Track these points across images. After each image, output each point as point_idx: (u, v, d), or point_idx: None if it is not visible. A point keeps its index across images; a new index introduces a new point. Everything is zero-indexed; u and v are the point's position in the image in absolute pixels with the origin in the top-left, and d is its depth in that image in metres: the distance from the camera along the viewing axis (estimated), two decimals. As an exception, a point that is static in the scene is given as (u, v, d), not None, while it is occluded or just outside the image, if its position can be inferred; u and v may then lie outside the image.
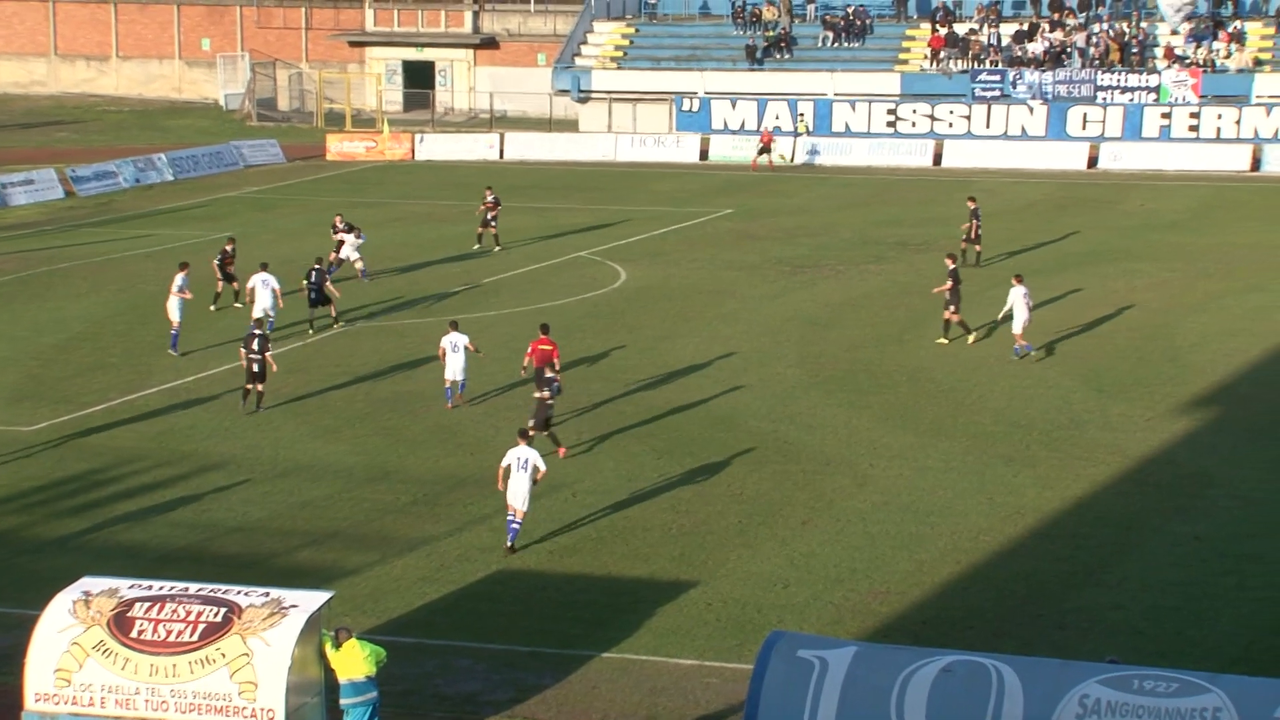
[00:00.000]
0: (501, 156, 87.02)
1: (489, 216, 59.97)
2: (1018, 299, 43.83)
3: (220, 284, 49.80)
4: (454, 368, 39.13)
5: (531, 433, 33.14)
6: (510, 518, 30.12)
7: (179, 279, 44.89)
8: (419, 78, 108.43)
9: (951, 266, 45.42)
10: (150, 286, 52.34)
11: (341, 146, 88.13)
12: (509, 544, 30.02)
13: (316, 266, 47.87)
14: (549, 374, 36.49)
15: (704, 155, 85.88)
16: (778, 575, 28.89)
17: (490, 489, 33.31)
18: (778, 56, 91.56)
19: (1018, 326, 43.84)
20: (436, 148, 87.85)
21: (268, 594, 22.26)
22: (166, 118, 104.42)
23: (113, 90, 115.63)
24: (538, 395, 36.22)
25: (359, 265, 53.67)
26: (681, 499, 32.75)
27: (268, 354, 39.13)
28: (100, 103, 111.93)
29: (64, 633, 21.66)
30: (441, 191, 73.87)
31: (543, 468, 30.13)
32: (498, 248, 59.59)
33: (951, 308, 45.20)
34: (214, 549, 30.17)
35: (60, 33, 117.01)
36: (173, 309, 44.64)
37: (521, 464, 29.98)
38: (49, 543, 30.47)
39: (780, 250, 59.62)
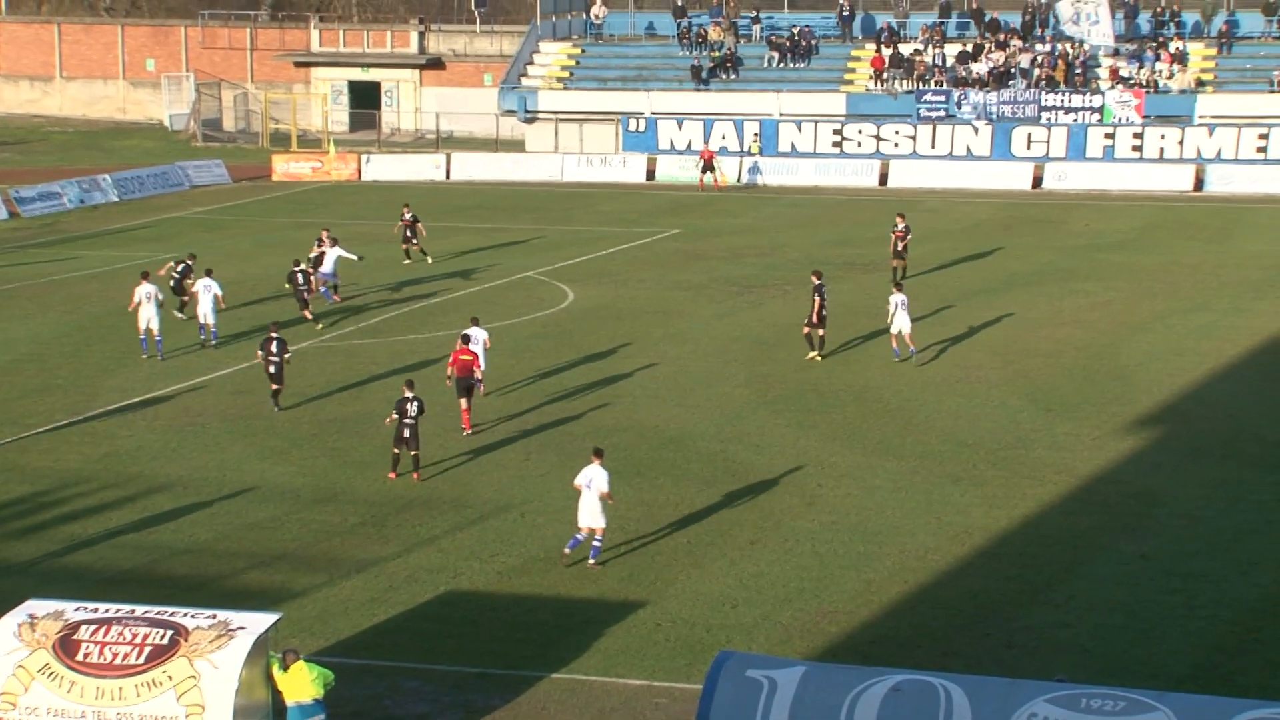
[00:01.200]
0: (448, 177, 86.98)
1: (407, 233, 60.72)
2: (897, 305, 44.76)
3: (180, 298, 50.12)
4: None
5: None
6: (576, 535, 30.23)
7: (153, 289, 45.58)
8: (365, 98, 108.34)
9: (816, 283, 45.66)
10: (96, 308, 52.11)
11: (288, 167, 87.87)
12: (591, 560, 30.22)
13: (299, 269, 49.76)
14: (472, 381, 38.65)
15: (650, 175, 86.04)
16: (726, 595, 28.90)
17: (437, 510, 33.33)
18: (723, 77, 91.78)
19: (895, 329, 44.89)
20: (383, 168, 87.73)
21: (215, 616, 22.16)
22: (111, 138, 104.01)
23: (57, 111, 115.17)
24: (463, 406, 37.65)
25: (334, 282, 53.58)
26: (630, 519, 32.71)
27: (286, 355, 40.31)
28: (44, 123, 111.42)
29: (9, 656, 21.51)
30: (388, 212, 73.53)
31: (605, 488, 30.14)
32: (428, 259, 60.21)
33: (812, 321, 45.61)
34: (161, 571, 30.00)
35: (3, 53, 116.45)
36: (145, 317, 45.34)
37: (588, 483, 30.04)
38: (-7, 566, 30.28)
39: (728, 270, 59.74)
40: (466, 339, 39.51)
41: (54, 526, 32.34)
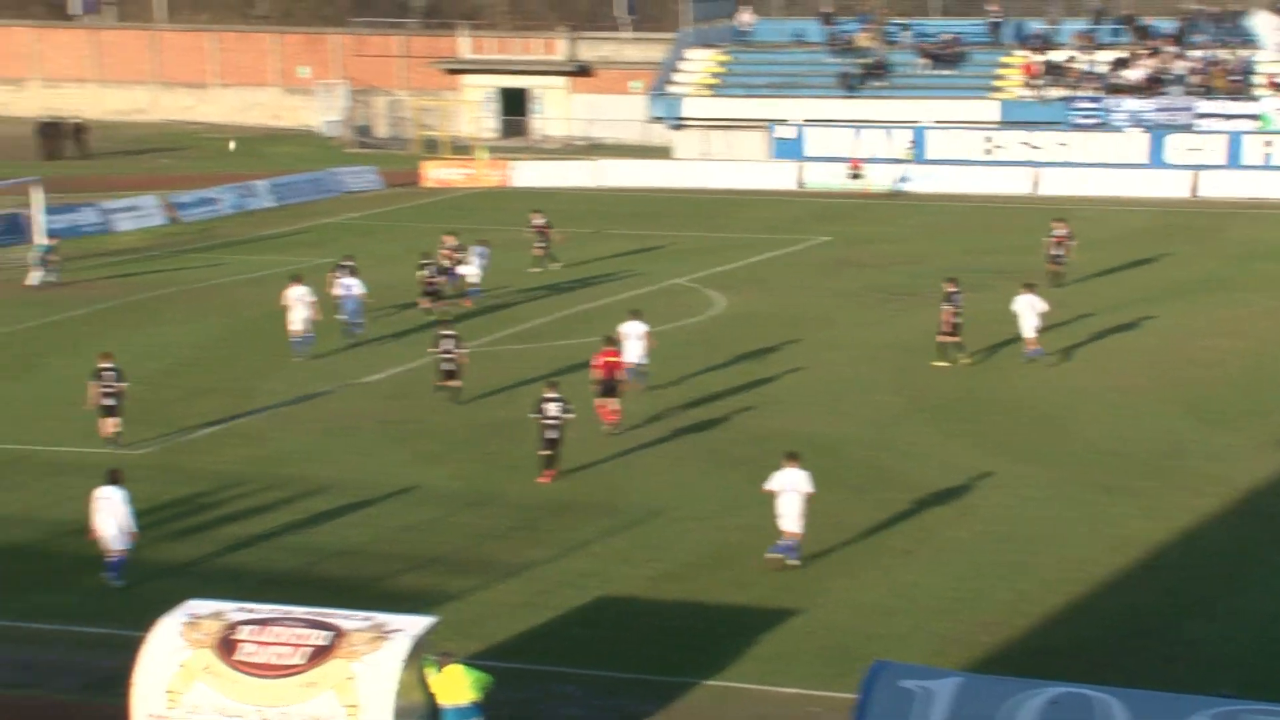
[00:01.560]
0: (596, 183, 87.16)
1: (538, 240, 61.11)
2: (1024, 307, 45.02)
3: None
4: (632, 354, 41.27)
5: (545, 452, 35.56)
6: (782, 541, 30.29)
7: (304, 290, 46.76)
8: (514, 105, 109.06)
9: (949, 290, 45.44)
10: (252, 311, 52.76)
11: (438, 173, 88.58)
12: (776, 557, 30.32)
13: (428, 262, 52.17)
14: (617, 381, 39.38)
15: (800, 183, 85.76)
16: (880, 604, 28.74)
17: (589, 515, 33.37)
18: (873, 84, 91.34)
19: (1028, 332, 45.16)
20: (531, 174, 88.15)
21: (370, 618, 22.35)
22: (266, 144, 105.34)
23: (213, 117, 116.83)
24: (600, 404, 38.71)
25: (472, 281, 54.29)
26: (782, 526, 32.69)
27: (460, 351, 41.77)
28: (201, 129, 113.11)
29: (173, 655, 21.79)
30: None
31: (811, 488, 30.29)
32: (536, 269, 60.35)
33: (945, 330, 45.44)
34: (317, 573, 30.33)
35: (162, 60, 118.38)
36: (297, 320, 46.55)
37: (790, 486, 30.12)
38: (155, 565, 30.66)
39: (878, 277, 59.45)
40: (610, 340, 39.94)
41: (212, 528, 32.79)
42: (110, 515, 29.77)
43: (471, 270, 54.54)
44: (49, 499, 34.62)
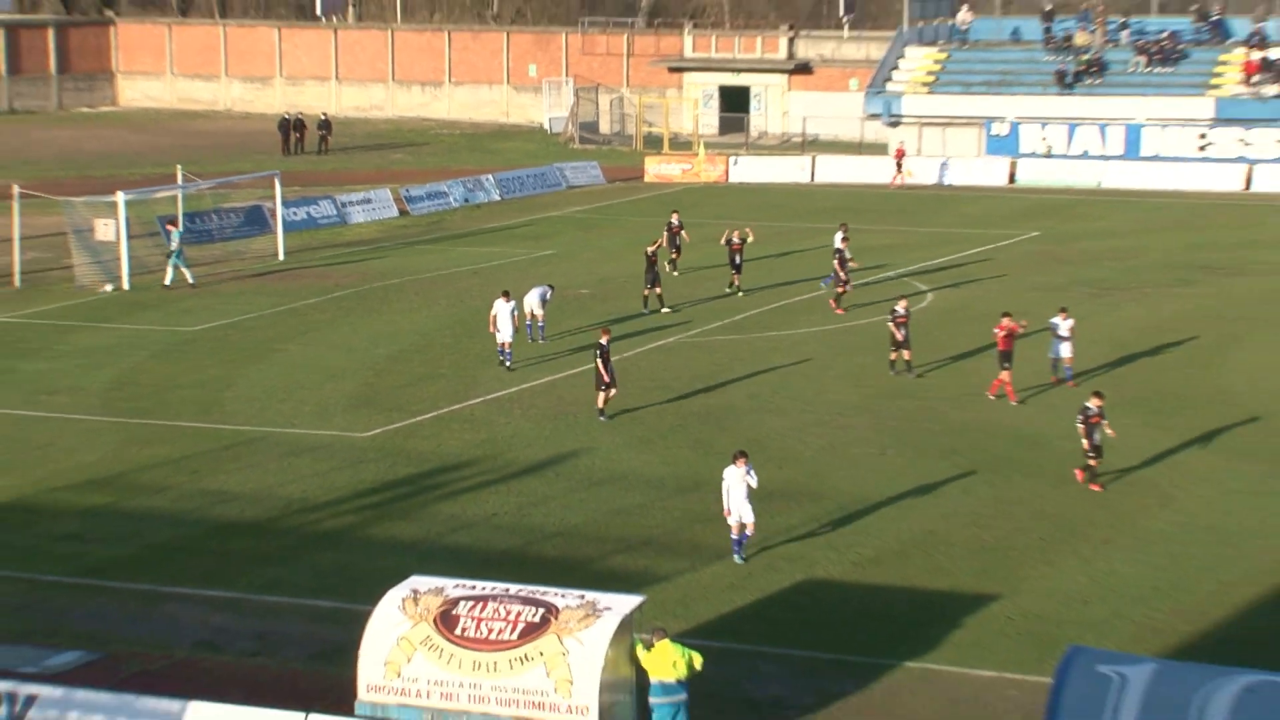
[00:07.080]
0: (813, 179, 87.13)
1: (675, 243, 58.42)
2: None
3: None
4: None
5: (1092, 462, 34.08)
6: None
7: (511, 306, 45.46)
8: (734, 102, 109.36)
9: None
10: (476, 302, 53.48)
11: (659, 169, 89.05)
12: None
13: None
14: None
15: (1012, 179, 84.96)
16: (1078, 592, 28.56)
17: (795, 502, 33.49)
18: (1089, 81, 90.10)
19: None
20: (750, 170, 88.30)
21: (583, 596, 22.72)
22: (494, 140, 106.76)
23: (445, 114, 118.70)
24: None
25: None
26: (984, 515, 32.56)
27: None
28: (433, 126, 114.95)
29: (394, 628, 22.37)
30: (755, 213, 74.03)
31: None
32: (675, 273, 57.96)
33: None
34: (534, 552, 30.83)
35: (398, 60, 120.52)
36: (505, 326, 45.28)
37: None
38: (380, 543, 31.45)
39: (1086, 272, 58.76)
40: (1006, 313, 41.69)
41: (435, 506, 33.45)
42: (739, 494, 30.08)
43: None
44: (282, 478, 35.54)
